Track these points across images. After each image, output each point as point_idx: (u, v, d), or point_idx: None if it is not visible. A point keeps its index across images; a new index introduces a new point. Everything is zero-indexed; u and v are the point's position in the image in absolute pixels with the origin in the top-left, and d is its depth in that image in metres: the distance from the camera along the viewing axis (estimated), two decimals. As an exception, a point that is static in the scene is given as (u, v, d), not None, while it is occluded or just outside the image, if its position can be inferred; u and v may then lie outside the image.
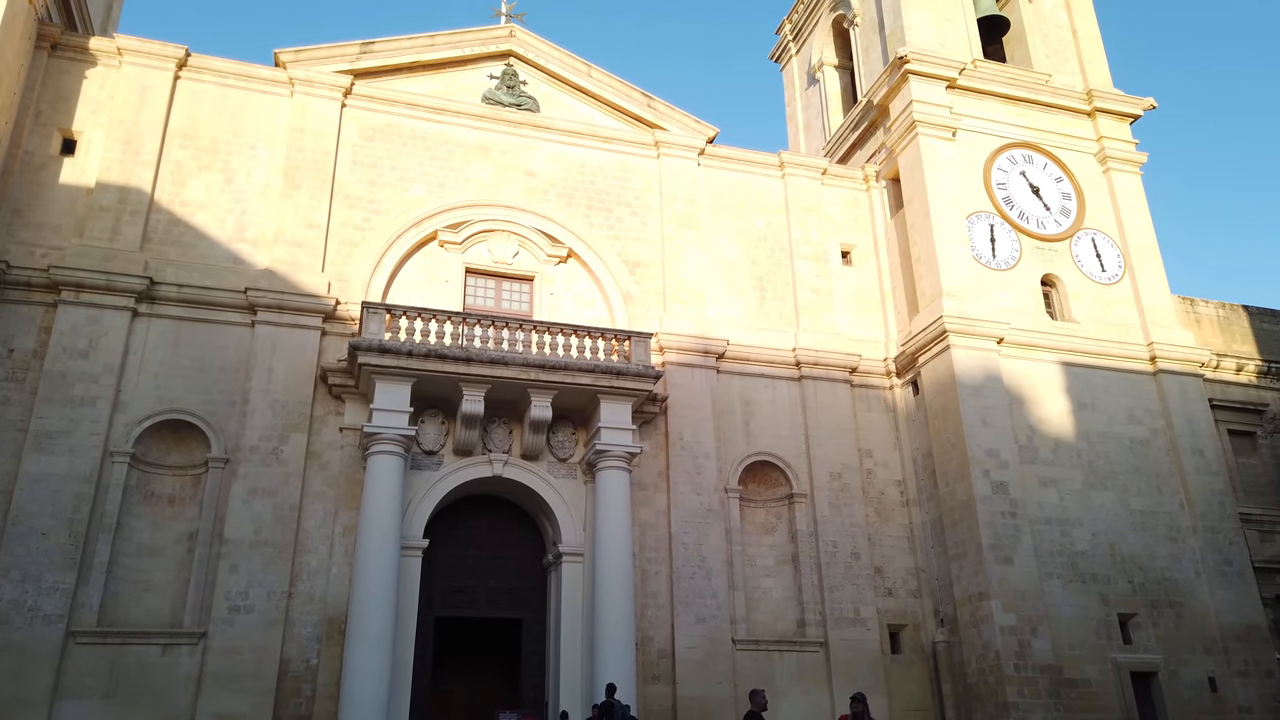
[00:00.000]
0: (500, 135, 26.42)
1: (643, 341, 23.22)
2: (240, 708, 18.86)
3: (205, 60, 24.39)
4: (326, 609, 20.30)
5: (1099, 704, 22.13)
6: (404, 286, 24.13)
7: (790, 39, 36.60)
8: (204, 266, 22.36)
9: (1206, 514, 24.84)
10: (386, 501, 20.42)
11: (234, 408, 21.25)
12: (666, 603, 22.73)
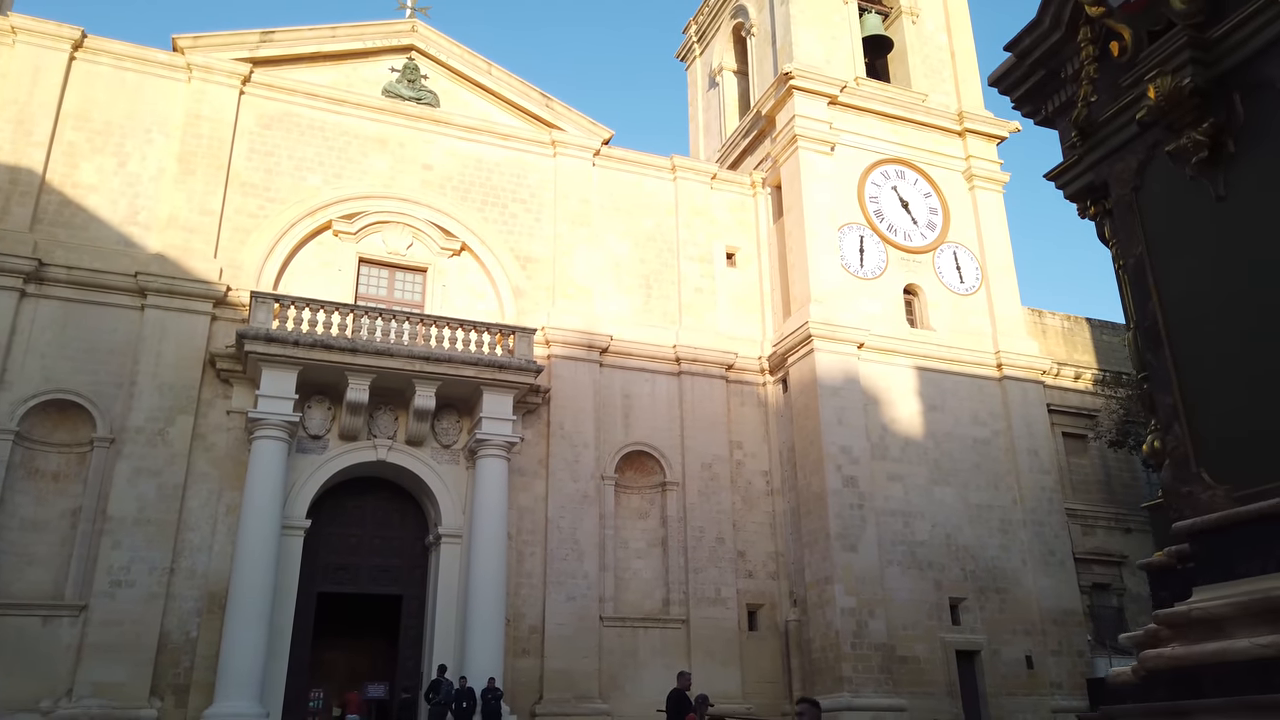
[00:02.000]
0: (399, 128, 27.16)
1: (526, 336, 24.47)
2: (119, 677, 19.75)
3: (102, 42, 24.56)
4: (208, 584, 21.23)
5: (926, 678, 24.48)
6: (297, 274, 24.86)
7: (695, 40, 37.88)
8: (94, 249, 22.76)
9: (1036, 509, 27.35)
10: (269, 484, 21.38)
11: (121, 389, 21.85)
12: (540, 582, 24.21)
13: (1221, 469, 3.56)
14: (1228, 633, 3.12)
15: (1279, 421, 3.27)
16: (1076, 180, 4.42)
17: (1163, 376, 3.73)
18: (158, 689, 20.16)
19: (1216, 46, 3.70)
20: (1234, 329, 3.49)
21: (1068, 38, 4.27)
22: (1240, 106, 3.72)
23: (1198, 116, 3.77)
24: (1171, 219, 3.87)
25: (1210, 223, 3.73)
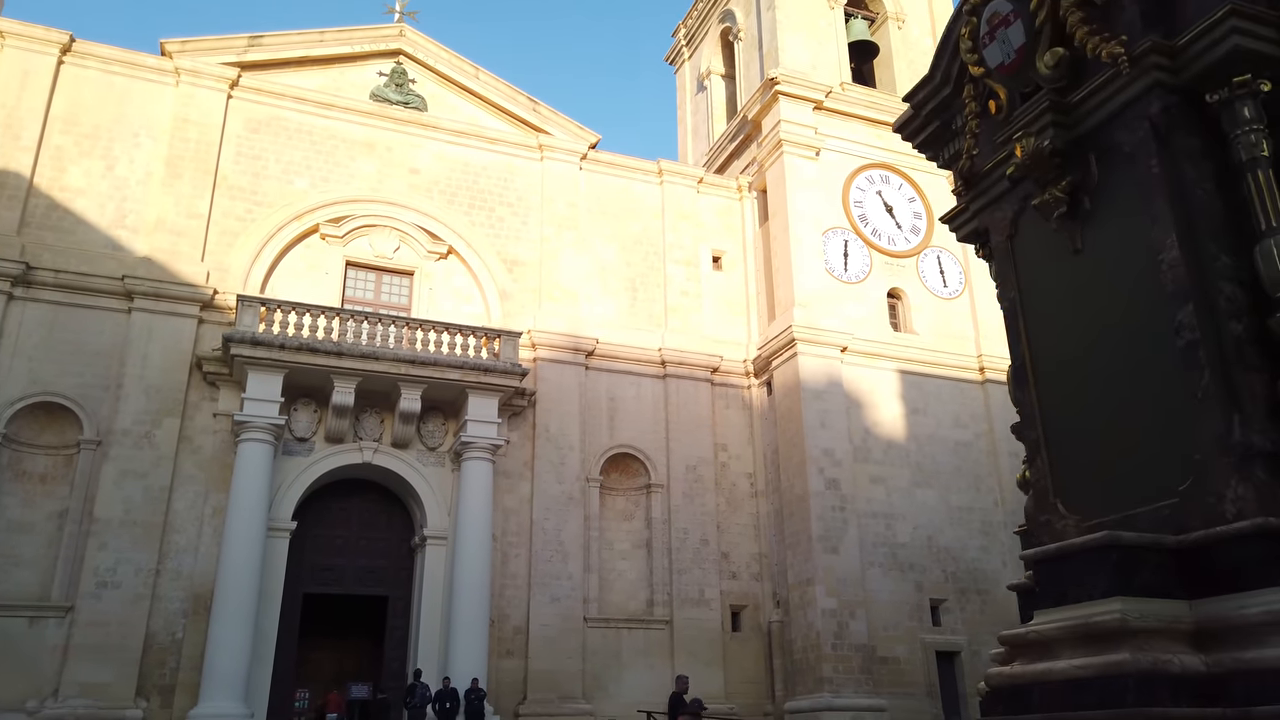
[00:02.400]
0: (386, 132, 27.36)
1: (512, 340, 24.70)
2: (105, 678, 19.96)
3: (90, 46, 24.73)
4: (194, 585, 21.44)
5: (906, 679, 24.77)
6: (284, 278, 25.06)
7: (684, 44, 38.11)
8: (82, 252, 22.94)
9: (1017, 511, 27.49)
10: (255, 486, 21.59)
11: (108, 392, 22.04)
12: (524, 583, 24.45)
13: (1073, 501, 3.82)
14: (1054, 654, 3.36)
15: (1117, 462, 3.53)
16: (964, 226, 4.68)
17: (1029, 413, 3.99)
18: (143, 689, 20.37)
19: (1075, 111, 3.96)
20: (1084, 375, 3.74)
21: (955, 94, 4.52)
22: (1095, 167, 3.97)
23: (1058, 175, 4.03)
24: (1039, 268, 4.13)
25: (1070, 273, 4.00)
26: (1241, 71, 3.58)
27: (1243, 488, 3.27)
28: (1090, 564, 3.30)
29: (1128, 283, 3.78)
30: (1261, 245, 3.49)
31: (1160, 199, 3.68)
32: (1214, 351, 3.42)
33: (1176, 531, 3.45)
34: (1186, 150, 3.78)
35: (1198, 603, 3.26)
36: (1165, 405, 3.65)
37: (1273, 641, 2.90)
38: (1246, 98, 3.62)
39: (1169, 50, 3.80)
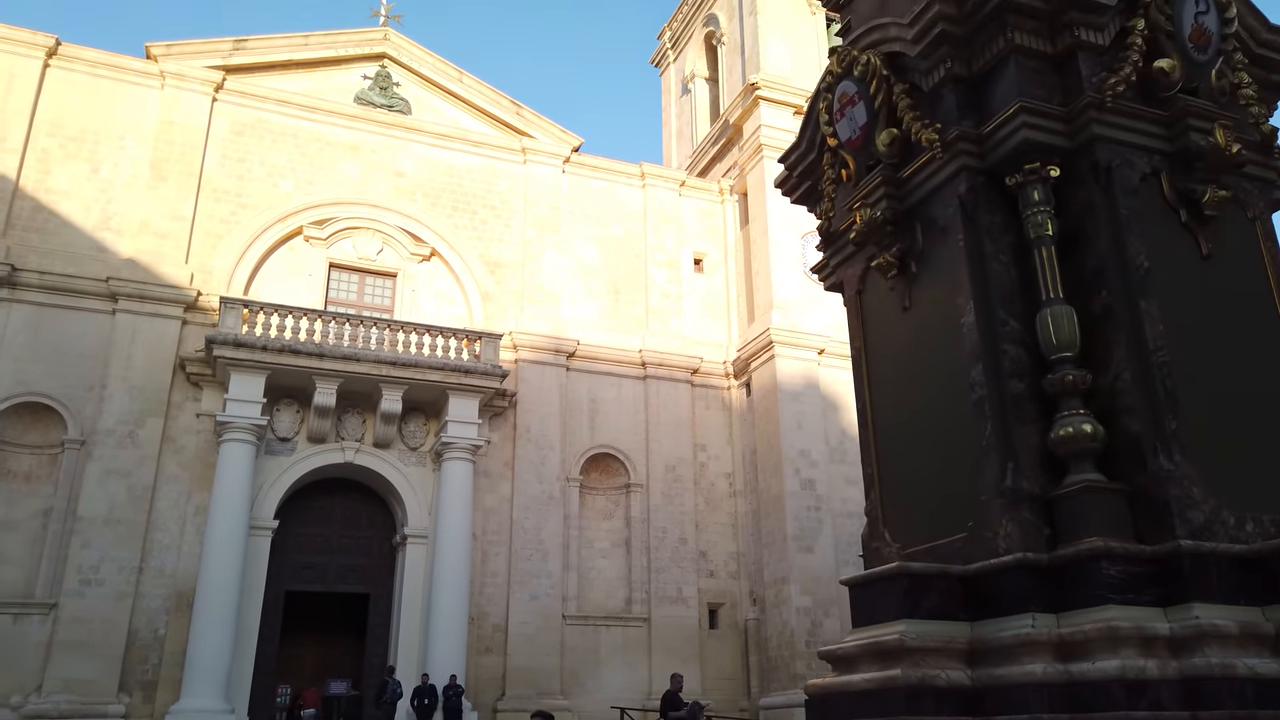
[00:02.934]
0: (371, 135, 27.68)
1: (493, 341, 25.09)
2: (88, 674, 20.34)
3: (76, 50, 25.01)
4: (176, 583, 21.81)
5: (879, 676, 25.21)
6: (268, 279, 25.40)
7: (669, 47, 38.45)
8: (67, 254, 23.25)
9: (990, 511, 28.08)
10: (237, 486, 21.96)
11: (92, 392, 22.38)
12: (504, 581, 24.87)
13: (897, 531, 4.26)
14: (855, 668, 3.81)
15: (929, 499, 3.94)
16: (827, 278, 5.11)
17: (867, 452, 4.42)
18: (126, 685, 20.76)
19: (905, 185, 4.39)
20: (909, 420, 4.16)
21: (818, 159, 4.94)
22: (920, 236, 4.41)
23: (891, 241, 4.47)
24: (879, 321, 4.57)
25: (900, 328, 4.44)
26: (1032, 159, 4.01)
27: (1011, 526, 3.71)
28: (886, 590, 3.76)
29: (940, 341, 4.23)
30: (1041, 314, 3.93)
31: (963, 269, 4.13)
32: (996, 406, 3.87)
33: (965, 562, 3.90)
34: (988, 226, 4.22)
35: (976, 624, 3.70)
36: (963, 452, 4.10)
37: (1020, 659, 3.33)
38: (1037, 182, 4.06)
39: (976, 138, 4.23)
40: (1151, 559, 3.53)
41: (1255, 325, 4.07)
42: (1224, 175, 4.13)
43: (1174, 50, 4.18)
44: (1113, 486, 3.70)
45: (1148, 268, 3.95)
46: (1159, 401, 3.73)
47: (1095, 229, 4.03)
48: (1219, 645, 3.23)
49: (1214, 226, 4.17)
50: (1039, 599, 3.57)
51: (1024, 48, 4.17)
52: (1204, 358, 3.90)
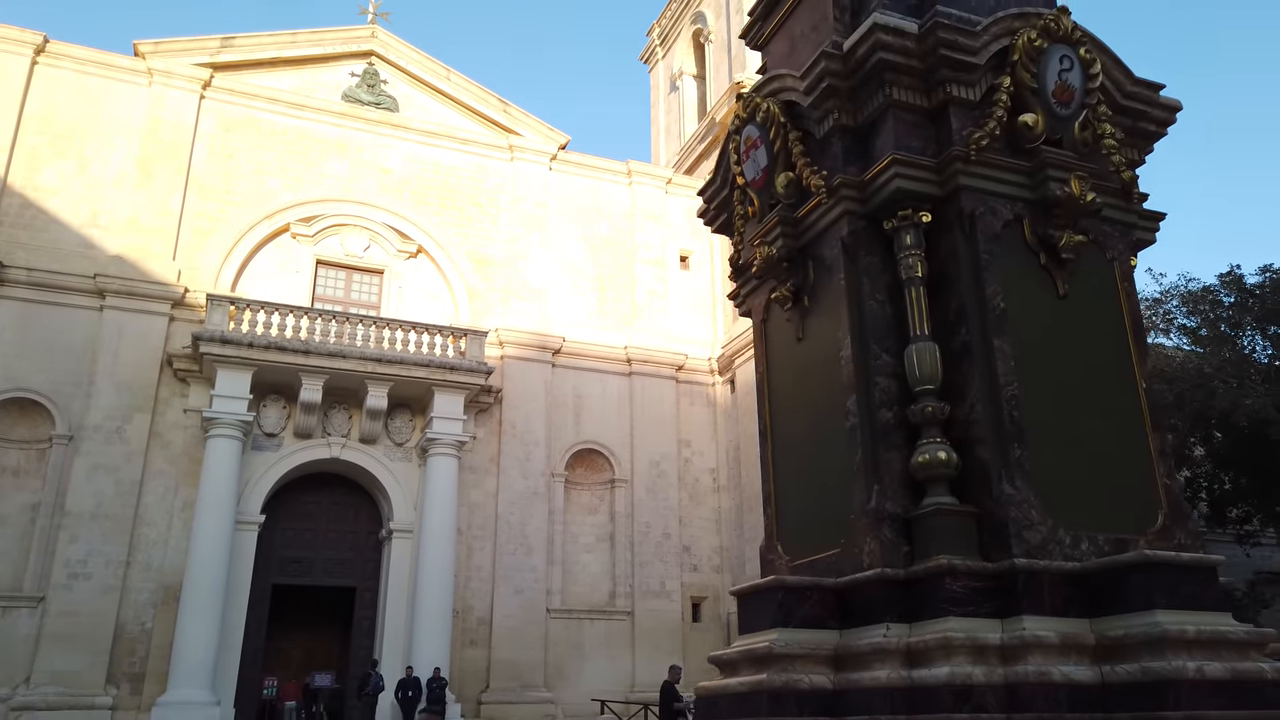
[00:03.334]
0: (358, 133, 27.88)
1: (478, 338, 25.35)
2: (76, 666, 20.64)
3: (64, 47, 25.16)
4: (163, 577, 22.09)
5: (858, 669, 25.61)
6: (255, 276, 25.61)
7: (658, 44, 38.63)
8: (55, 251, 23.44)
9: (970, 507, 28.43)
10: (223, 481, 22.23)
11: (80, 388, 22.61)
12: (489, 576, 25.19)
13: (788, 545, 4.57)
14: (736, 672, 4.13)
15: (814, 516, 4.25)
16: (739, 306, 5.41)
17: (766, 469, 4.72)
18: (113, 677, 21.06)
19: (799, 225, 4.69)
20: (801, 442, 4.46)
21: (730, 195, 5.23)
22: (811, 273, 4.71)
23: (787, 276, 4.78)
24: (779, 349, 4.88)
25: (795, 356, 4.76)
26: (905, 206, 4.31)
27: (874, 544, 4.02)
28: (765, 600, 4.08)
29: (826, 371, 4.54)
30: (909, 349, 4.24)
31: (844, 305, 4.44)
32: (867, 434, 4.19)
33: (838, 576, 4.21)
34: (867, 267, 4.53)
35: (845, 633, 4.01)
36: (840, 474, 4.42)
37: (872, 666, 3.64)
38: (909, 227, 4.37)
39: (858, 184, 4.54)
40: (992, 575, 3.87)
41: (1105, 359, 4.38)
42: (1082, 220, 4.43)
43: (1038, 105, 4.50)
44: (962, 509, 4.04)
45: (1003, 308, 4.27)
46: (1005, 432, 4.05)
47: (959, 271, 4.35)
48: (1041, 654, 3.55)
49: (1072, 268, 4.49)
50: (895, 610, 3.90)
51: (901, 102, 4.48)
52: (1053, 390, 4.22)
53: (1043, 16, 4.54)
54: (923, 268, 4.39)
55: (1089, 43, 4.63)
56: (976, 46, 4.51)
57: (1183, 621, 3.51)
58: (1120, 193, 4.73)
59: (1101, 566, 3.86)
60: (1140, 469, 4.32)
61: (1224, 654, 3.51)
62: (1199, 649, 3.47)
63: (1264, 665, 3.59)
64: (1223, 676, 3.42)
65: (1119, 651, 3.61)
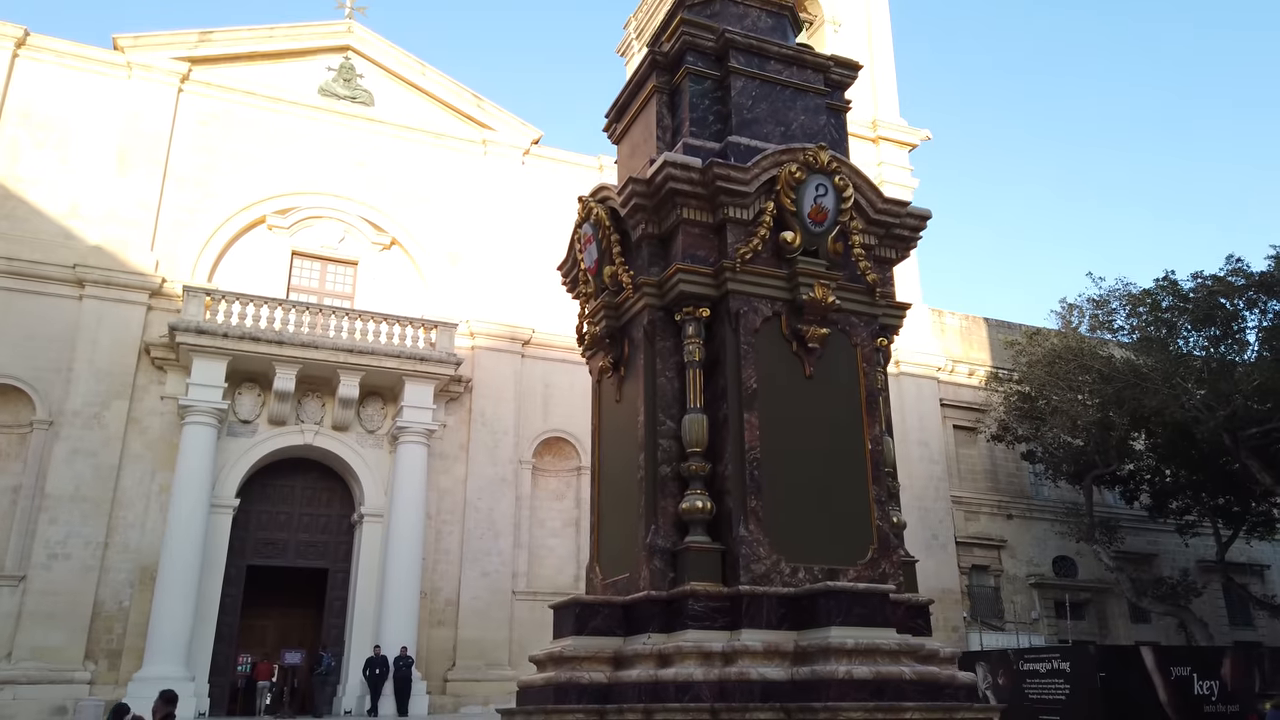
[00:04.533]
0: (334, 127, 28.60)
1: (448, 330, 26.23)
2: (56, 642, 21.63)
3: (45, 40, 25.78)
4: (140, 558, 23.05)
5: (810, 651, 26.81)
6: (232, 267, 26.41)
7: (635, 37, 39.24)
8: (35, 240, 24.18)
9: (923, 496, 29.67)
10: (198, 466, 23.16)
11: (60, 375, 23.44)
12: (457, 559, 26.23)
13: (603, 566, 5.58)
14: (544, 669, 5.13)
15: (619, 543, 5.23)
16: (589, 365, 6.37)
17: (593, 501, 5.70)
18: (92, 653, 22.05)
19: (619, 309, 5.65)
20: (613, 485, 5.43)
21: (577, 274, 6.19)
22: (627, 349, 5.67)
23: (609, 350, 5.77)
24: (606, 407, 5.88)
25: (615, 415, 5.78)
26: (689, 304, 5.28)
27: (647, 571, 5.05)
28: (568, 613, 5.12)
29: (631, 430, 5.54)
30: (684, 418, 5.23)
31: (642, 380, 5.44)
32: (651, 484, 5.20)
33: (625, 594, 5.21)
34: (661, 349, 5.53)
35: (627, 640, 5.01)
36: (633, 514, 5.41)
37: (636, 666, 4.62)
38: (692, 320, 5.36)
39: (657, 284, 5.52)
40: (726, 597, 4.91)
41: (842, 425, 5.38)
42: (831, 314, 5.41)
43: (797, 224, 5.49)
44: (711, 545, 5.09)
45: (755, 388, 5.29)
46: (746, 486, 5.07)
47: (725, 357, 5.37)
48: (749, 658, 4.58)
49: (819, 353, 5.51)
50: (658, 623, 4.95)
51: (690, 219, 5.47)
52: (793, 452, 5.23)
53: (806, 151, 5.54)
54: (701, 353, 5.40)
55: (844, 171, 5.63)
56: (747, 179, 5.51)
57: (846, 635, 4.59)
58: (866, 291, 5.73)
59: (804, 592, 4.90)
60: (859, 513, 5.37)
61: (878, 660, 4.56)
62: (857, 656, 4.54)
63: (905, 669, 4.64)
64: (867, 677, 4.48)
65: (805, 657, 4.66)
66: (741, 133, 5.86)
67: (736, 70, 6.11)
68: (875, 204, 5.97)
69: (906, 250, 6.22)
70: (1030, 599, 30.49)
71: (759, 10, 6.67)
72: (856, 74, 6.69)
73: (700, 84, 6.13)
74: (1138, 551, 31.88)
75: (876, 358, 5.79)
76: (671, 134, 6.00)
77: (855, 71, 6.69)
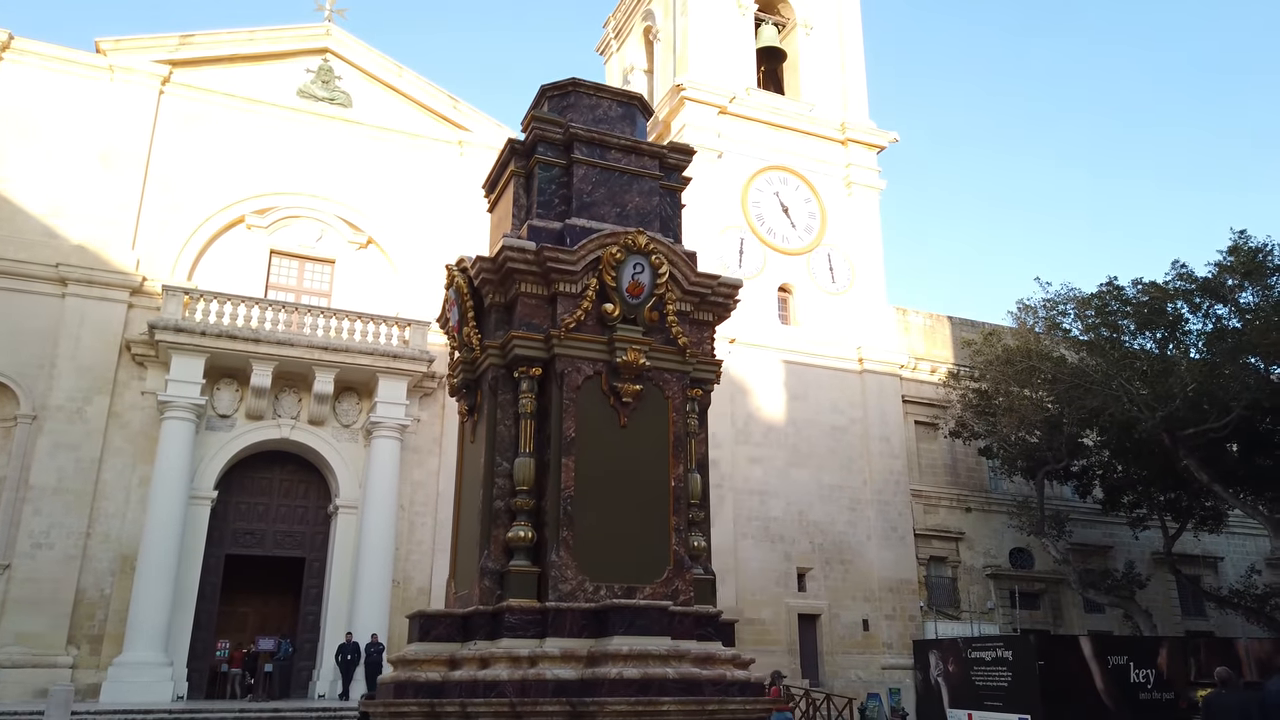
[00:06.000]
0: (312, 128, 29.31)
1: (421, 328, 27.09)
2: (39, 628, 22.61)
3: (28, 44, 26.49)
4: (121, 547, 23.98)
5: (770, 638, 27.92)
6: (211, 265, 27.23)
7: (613, 36, 39.96)
8: (19, 240, 24.97)
9: (883, 489, 30.66)
10: (177, 459, 24.08)
11: (43, 370, 24.31)
12: (429, 549, 27.17)
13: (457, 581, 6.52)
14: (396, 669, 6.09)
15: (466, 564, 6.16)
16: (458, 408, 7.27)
17: (454, 525, 6.60)
18: (74, 639, 23.02)
19: (473, 364, 6.57)
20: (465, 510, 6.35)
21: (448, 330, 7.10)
22: (477, 398, 6.56)
23: (465, 398, 6.67)
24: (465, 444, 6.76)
25: (469, 454, 6.67)
26: (523, 364, 6.19)
27: (480, 590, 6.01)
28: (415, 623, 6.02)
29: (477, 468, 6.43)
30: (516, 461, 6.17)
31: (485, 427, 6.35)
32: (487, 515, 6.13)
33: (465, 607, 6.14)
34: (502, 402, 6.46)
35: (463, 646, 5.94)
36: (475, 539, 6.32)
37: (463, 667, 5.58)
38: (526, 378, 6.31)
39: (500, 346, 6.47)
40: (538, 611, 5.88)
41: (651, 466, 6.30)
42: (643, 373, 6.35)
43: (616, 297, 6.43)
44: (530, 568, 6.06)
45: (573, 437, 6.23)
46: (560, 519, 6.03)
47: (551, 410, 6.28)
48: (548, 662, 5.53)
49: (633, 406, 6.46)
50: (484, 632, 5.92)
51: (528, 292, 6.41)
52: (605, 490, 6.16)
53: (627, 235, 6.49)
54: (533, 405, 6.36)
55: (660, 251, 6.57)
56: (574, 260, 6.45)
57: (623, 643, 5.56)
58: (679, 352, 6.67)
59: (601, 607, 5.86)
60: (660, 540, 6.33)
61: (648, 663, 5.53)
62: (630, 660, 5.50)
63: (670, 670, 5.62)
64: (635, 677, 5.46)
65: (593, 661, 5.62)
66: (581, 215, 6.81)
67: (579, 160, 7.05)
68: (689, 277, 6.92)
69: (724, 313, 7.23)
70: (987, 589, 31.52)
71: (610, 101, 7.60)
72: (691, 158, 7.68)
73: (549, 170, 7.06)
74: (1093, 544, 32.93)
75: (688, 407, 6.75)
76: (525, 212, 6.94)
77: (689, 156, 7.68)
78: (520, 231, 6.95)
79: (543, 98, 7.51)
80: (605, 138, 7.14)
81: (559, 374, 6.52)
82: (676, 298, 6.80)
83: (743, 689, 5.92)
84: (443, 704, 5.74)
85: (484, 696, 5.56)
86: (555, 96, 7.48)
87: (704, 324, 7.18)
